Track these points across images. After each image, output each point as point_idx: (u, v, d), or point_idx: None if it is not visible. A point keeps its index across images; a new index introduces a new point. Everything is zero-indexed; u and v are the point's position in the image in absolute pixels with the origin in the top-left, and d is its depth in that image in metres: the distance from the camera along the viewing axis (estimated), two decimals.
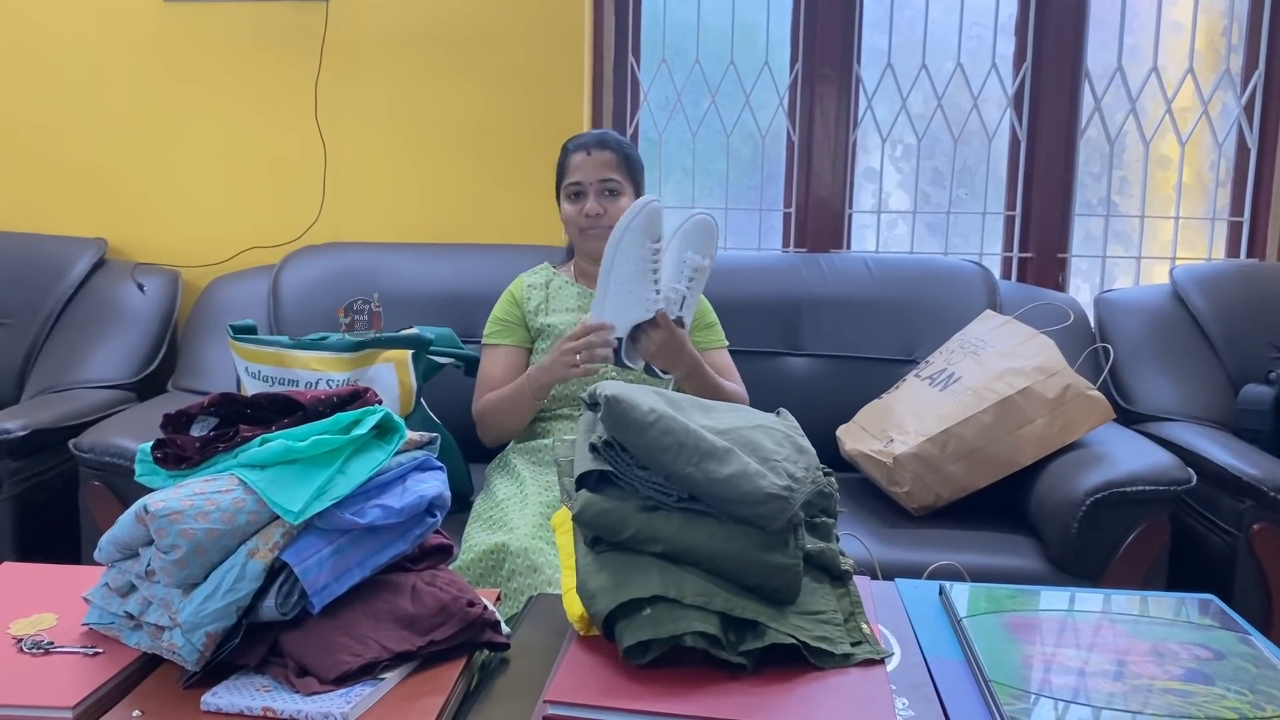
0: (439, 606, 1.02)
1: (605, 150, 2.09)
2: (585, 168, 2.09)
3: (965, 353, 2.23)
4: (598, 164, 2.09)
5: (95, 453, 2.00)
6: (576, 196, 2.11)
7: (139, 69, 2.76)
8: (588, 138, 2.13)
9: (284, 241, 2.75)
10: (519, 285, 2.19)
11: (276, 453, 1.00)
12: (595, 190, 2.09)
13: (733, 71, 2.82)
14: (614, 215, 2.08)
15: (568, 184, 2.12)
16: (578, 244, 2.16)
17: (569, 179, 2.11)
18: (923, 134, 2.82)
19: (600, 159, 2.09)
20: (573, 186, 2.11)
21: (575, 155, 2.11)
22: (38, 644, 1.00)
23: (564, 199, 2.13)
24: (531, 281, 2.19)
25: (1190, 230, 2.86)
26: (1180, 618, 1.12)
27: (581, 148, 2.11)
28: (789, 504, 0.97)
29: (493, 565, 1.71)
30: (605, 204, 2.08)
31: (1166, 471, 1.92)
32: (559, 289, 2.17)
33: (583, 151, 2.10)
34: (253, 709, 0.90)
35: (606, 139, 2.12)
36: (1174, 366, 2.42)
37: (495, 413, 2.06)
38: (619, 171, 2.10)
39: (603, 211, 2.08)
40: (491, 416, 2.07)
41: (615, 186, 2.10)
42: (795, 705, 0.88)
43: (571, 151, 2.13)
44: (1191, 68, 2.73)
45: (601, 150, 2.09)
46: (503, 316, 2.16)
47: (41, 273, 2.62)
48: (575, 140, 2.15)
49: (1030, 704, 0.91)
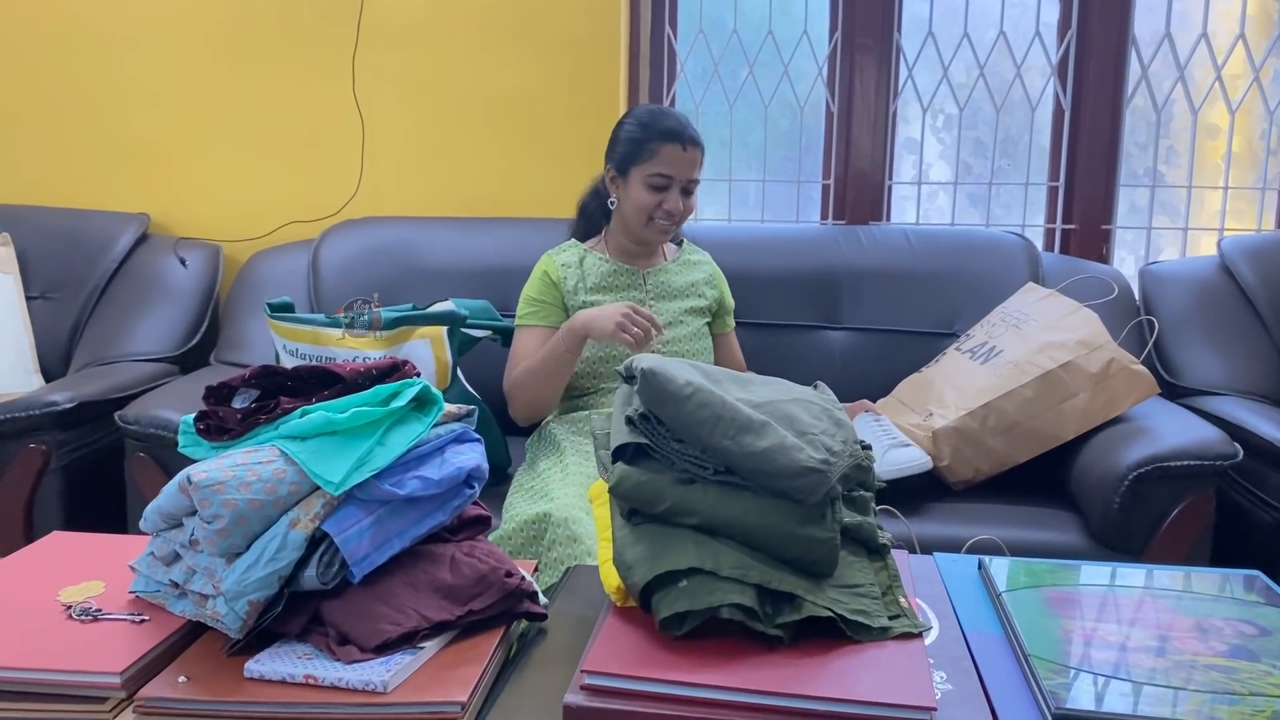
0: (477, 577, 1.03)
1: (697, 149, 2.05)
2: (679, 163, 2.03)
3: (1007, 326, 2.20)
4: (690, 162, 2.04)
5: (140, 424, 2.03)
6: (658, 189, 2.04)
7: (180, 46, 2.78)
8: (680, 130, 2.03)
9: (323, 216, 2.77)
10: (552, 265, 2.12)
11: (317, 424, 1.00)
12: (681, 188, 2.05)
13: (771, 41, 2.79)
14: (686, 212, 2.08)
15: (654, 174, 2.03)
16: (635, 229, 2.09)
17: (656, 168, 2.03)
18: (964, 104, 2.78)
19: (693, 157, 2.04)
20: (659, 179, 2.03)
21: (669, 146, 2.02)
22: (86, 611, 1.03)
23: (640, 183, 2.04)
24: (564, 260, 2.13)
25: (1239, 200, 2.80)
26: (1225, 593, 1.11)
27: (676, 140, 2.02)
28: (826, 477, 0.97)
29: (534, 535, 1.72)
30: (683, 201, 2.06)
31: (1212, 446, 1.89)
32: (594, 266, 2.13)
33: (678, 145, 2.02)
34: (295, 676, 0.92)
35: (696, 136, 2.05)
36: (1221, 340, 2.38)
37: (528, 382, 2.01)
38: (700, 170, 2.08)
39: (681, 210, 2.06)
40: (524, 387, 2.03)
41: (695, 185, 2.08)
42: (832, 678, 0.88)
43: (663, 139, 2.03)
44: (1243, 33, 2.66)
45: (695, 149, 2.04)
46: (539, 297, 2.10)
47: (86, 248, 2.66)
48: (665, 127, 2.04)
49: (1070, 679, 0.90)
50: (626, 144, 2.07)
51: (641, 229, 2.08)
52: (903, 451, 2.00)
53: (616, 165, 2.09)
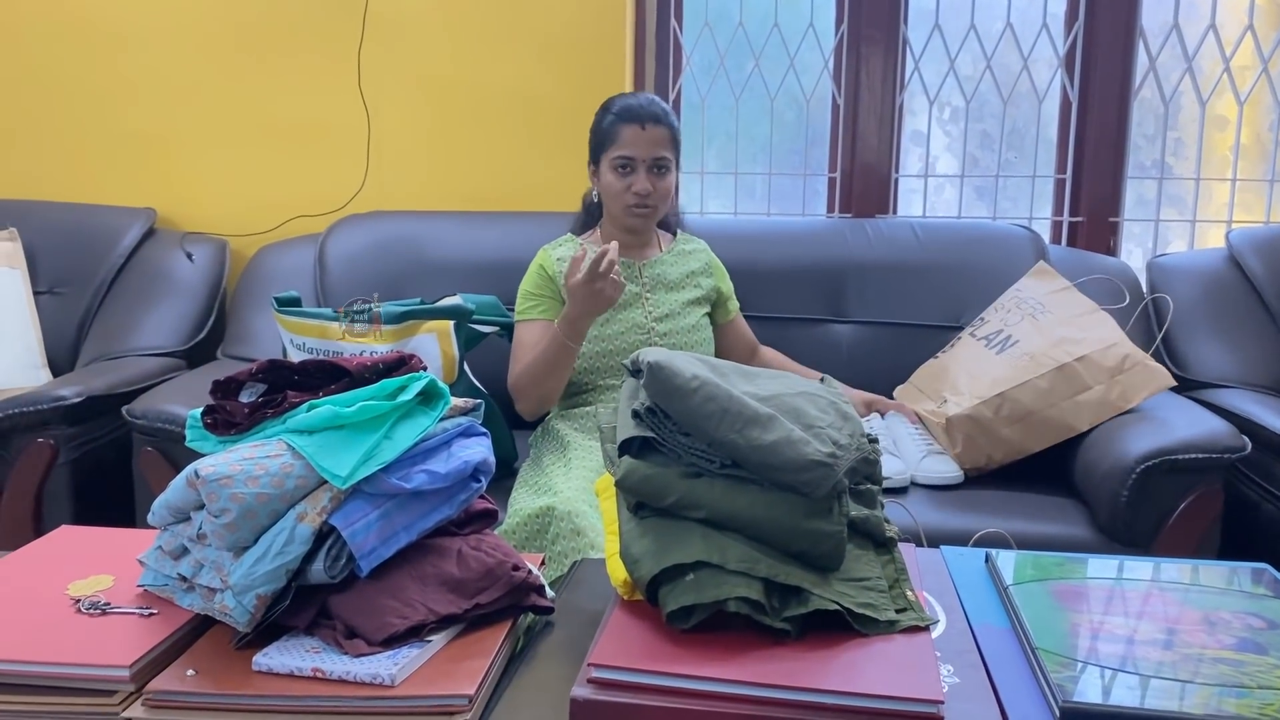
0: (484, 570, 1.03)
1: (659, 126, 2.04)
2: (638, 143, 2.03)
3: (1023, 314, 2.20)
4: (651, 140, 2.04)
5: (147, 419, 2.03)
6: (625, 171, 2.05)
7: (186, 40, 2.78)
8: (639, 109, 2.05)
9: (329, 210, 2.77)
10: (547, 259, 2.12)
11: (324, 418, 1.01)
12: (646, 167, 2.05)
13: (777, 34, 2.78)
14: (661, 193, 2.07)
15: (616, 156, 2.05)
16: (617, 216, 2.11)
17: (618, 151, 2.05)
18: (971, 96, 2.77)
19: (654, 135, 2.04)
20: (622, 160, 2.05)
21: (627, 128, 2.04)
22: (95, 604, 1.03)
23: (608, 170, 2.07)
24: (560, 254, 2.13)
25: (1247, 193, 2.79)
26: (1233, 587, 1.11)
27: (634, 120, 2.03)
28: (833, 471, 0.97)
29: (539, 529, 1.73)
30: (654, 181, 2.06)
31: (1220, 439, 1.88)
32: None
33: (636, 125, 2.03)
34: (302, 669, 0.92)
35: (659, 113, 2.05)
36: (1229, 332, 2.37)
37: (532, 376, 2.00)
38: (670, 148, 2.06)
39: (652, 190, 2.05)
40: (529, 382, 2.01)
41: (665, 164, 2.06)
42: (839, 671, 0.88)
43: (621, 121, 2.05)
44: (1251, 24, 2.65)
45: (655, 126, 2.04)
46: (535, 291, 2.10)
47: (93, 243, 2.66)
48: (624, 107, 2.07)
49: (1077, 672, 0.90)
50: (594, 134, 2.11)
51: (623, 215, 2.09)
52: (939, 460, 2.07)
53: (592, 156, 2.13)
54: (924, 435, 2.13)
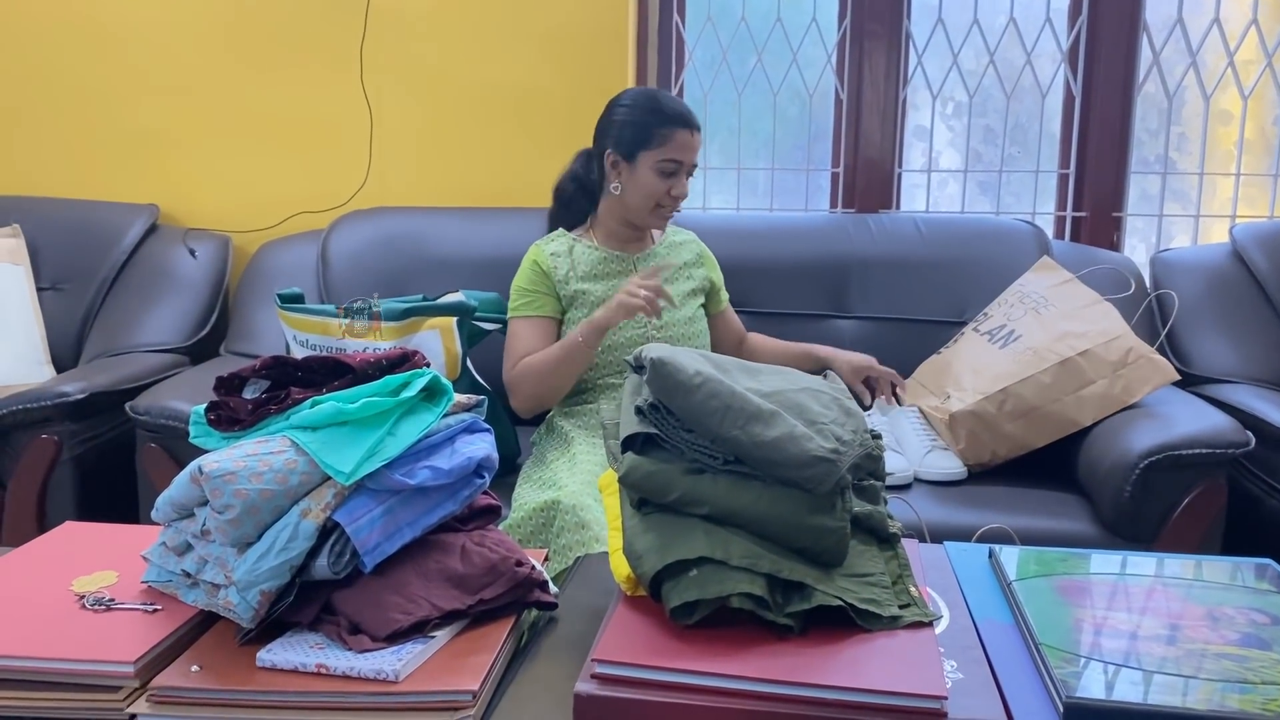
0: (488, 566, 1.03)
1: (699, 133, 2.06)
2: (687, 148, 2.03)
3: (1025, 308, 2.20)
4: (697, 146, 2.05)
5: (151, 415, 2.04)
6: (668, 174, 2.03)
7: (189, 36, 2.78)
8: (689, 114, 2.04)
9: (332, 206, 2.77)
10: (541, 255, 2.10)
11: (327, 414, 1.01)
12: (688, 173, 2.06)
13: (779, 29, 2.78)
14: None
15: (666, 159, 2.01)
16: (637, 214, 2.08)
17: (669, 154, 2.01)
18: (974, 91, 2.77)
19: (698, 141, 2.05)
20: (671, 164, 2.02)
21: (680, 131, 2.01)
22: (99, 600, 1.03)
23: (649, 169, 2.02)
24: (554, 250, 2.11)
25: (1251, 187, 2.79)
26: (1236, 582, 1.10)
27: (686, 125, 2.02)
28: (836, 467, 0.97)
29: (544, 523, 1.73)
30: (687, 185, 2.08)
31: (1224, 434, 1.88)
32: (583, 255, 2.10)
33: (687, 130, 2.02)
34: (306, 665, 0.92)
35: (697, 119, 2.06)
36: (1233, 327, 2.37)
37: (539, 374, 1.98)
38: None
39: (687, 195, 2.07)
40: (532, 379, 2.00)
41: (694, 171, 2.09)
42: (842, 667, 0.88)
43: (675, 125, 2.01)
44: (1255, 19, 2.64)
45: (699, 133, 2.05)
46: (530, 287, 2.08)
47: (96, 239, 2.67)
48: (676, 111, 2.03)
49: (1080, 667, 0.90)
50: (633, 128, 2.03)
51: (647, 215, 2.07)
52: (942, 456, 2.07)
53: (622, 150, 2.05)
54: (927, 431, 2.14)
